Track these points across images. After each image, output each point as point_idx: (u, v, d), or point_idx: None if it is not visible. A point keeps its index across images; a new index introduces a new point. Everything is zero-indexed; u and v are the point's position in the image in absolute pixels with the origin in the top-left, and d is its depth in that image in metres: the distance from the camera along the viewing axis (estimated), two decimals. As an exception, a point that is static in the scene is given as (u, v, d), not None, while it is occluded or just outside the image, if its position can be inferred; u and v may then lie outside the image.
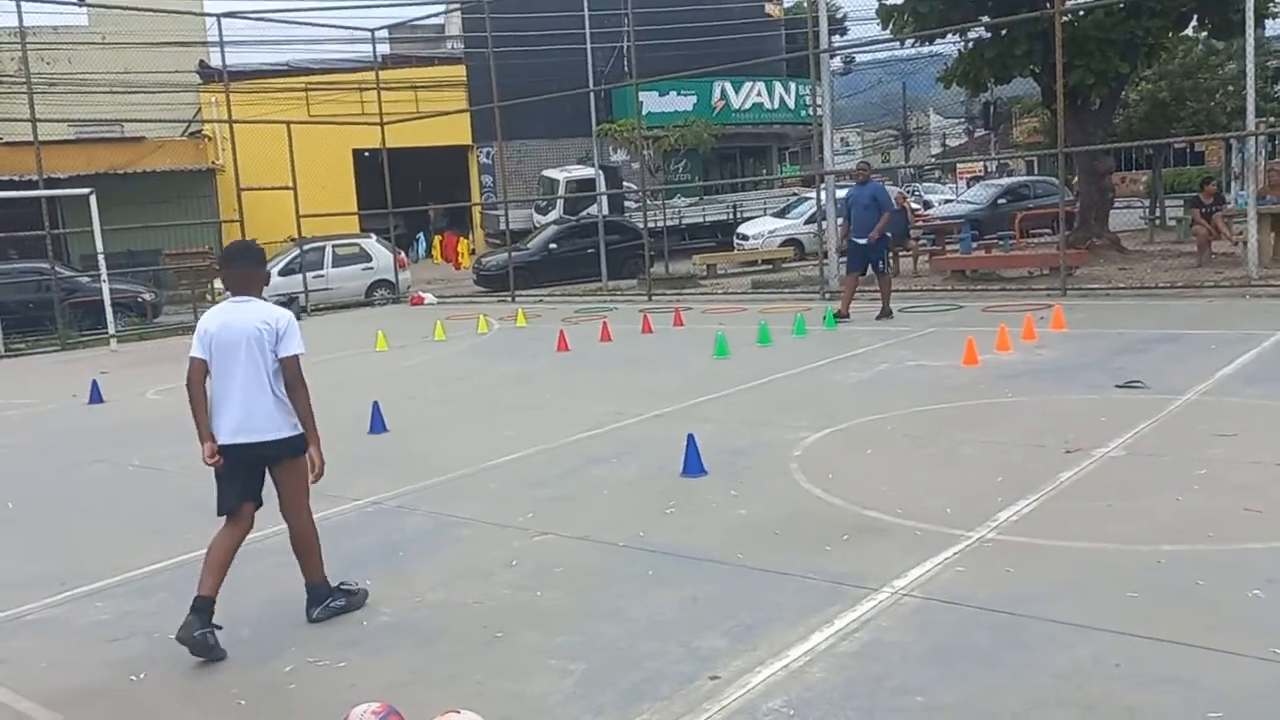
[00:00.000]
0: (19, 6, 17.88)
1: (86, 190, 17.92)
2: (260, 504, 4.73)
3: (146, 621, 4.80)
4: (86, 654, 4.52)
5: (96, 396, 11.43)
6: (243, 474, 4.62)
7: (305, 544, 4.74)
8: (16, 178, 24.14)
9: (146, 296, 21.13)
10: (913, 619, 4.22)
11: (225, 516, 4.66)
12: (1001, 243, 21.09)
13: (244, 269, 4.75)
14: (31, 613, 5.03)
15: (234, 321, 4.61)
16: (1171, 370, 8.84)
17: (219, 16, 21.56)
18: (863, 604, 4.38)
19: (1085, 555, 4.78)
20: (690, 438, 6.69)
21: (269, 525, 6.08)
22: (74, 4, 35.00)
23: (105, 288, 17.51)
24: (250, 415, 4.56)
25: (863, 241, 13.51)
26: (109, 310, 17.55)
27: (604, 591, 4.77)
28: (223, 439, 4.57)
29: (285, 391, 4.61)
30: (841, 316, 13.57)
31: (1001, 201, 26.17)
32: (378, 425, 8.68)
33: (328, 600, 4.69)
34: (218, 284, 22.52)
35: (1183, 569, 4.53)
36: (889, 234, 13.80)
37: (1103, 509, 5.41)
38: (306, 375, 4.72)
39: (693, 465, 6.57)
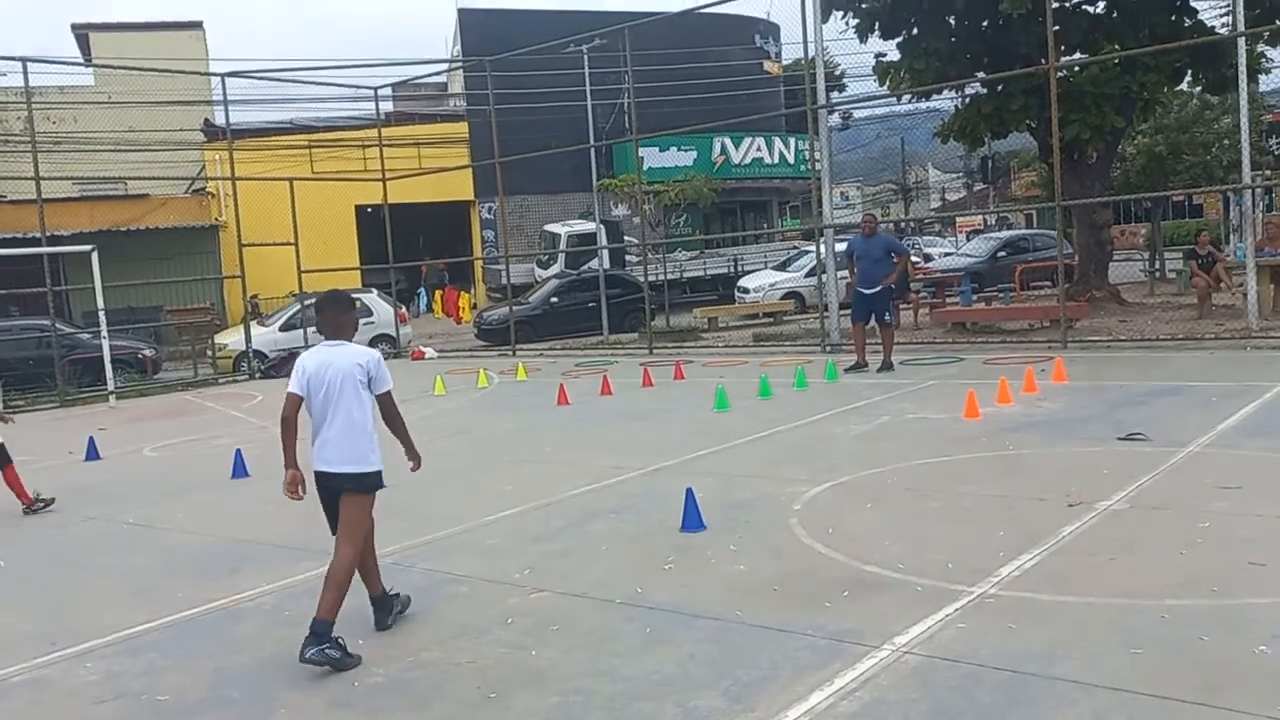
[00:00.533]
0: (25, 68, 18.11)
1: (88, 247, 18.01)
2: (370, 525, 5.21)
3: (135, 682, 4.72)
4: (73, 716, 4.43)
5: (93, 453, 11.38)
6: (331, 501, 5.06)
7: (337, 578, 4.87)
8: (20, 235, 24.32)
9: (147, 353, 21.13)
10: (914, 677, 4.14)
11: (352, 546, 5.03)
12: (1002, 295, 21.15)
13: (334, 314, 5.18)
14: (20, 673, 4.95)
15: (331, 362, 5.02)
16: (1173, 422, 8.80)
17: (224, 76, 21.84)
18: (863, 662, 4.30)
19: (1088, 611, 4.71)
20: (689, 492, 6.64)
21: (263, 583, 6.04)
22: (80, 64, 35.56)
23: (105, 344, 17.54)
24: (329, 447, 5.00)
25: (870, 292, 13.57)
26: (109, 367, 17.56)
27: (600, 649, 4.70)
28: (314, 467, 5.06)
29: (384, 423, 5.19)
30: (860, 366, 13.70)
31: (1001, 254, 26.31)
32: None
33: (324, 646, 4.65)
34: (218, 339, 22.62)
35: (1187, 625, 4.46)
36: (893, 285, 13.89)
37: (1105, 563, 5.34)
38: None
39: (692, 520, 6.51)
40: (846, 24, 18.70)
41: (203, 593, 5.98)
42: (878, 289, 13.56)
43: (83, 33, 38.44)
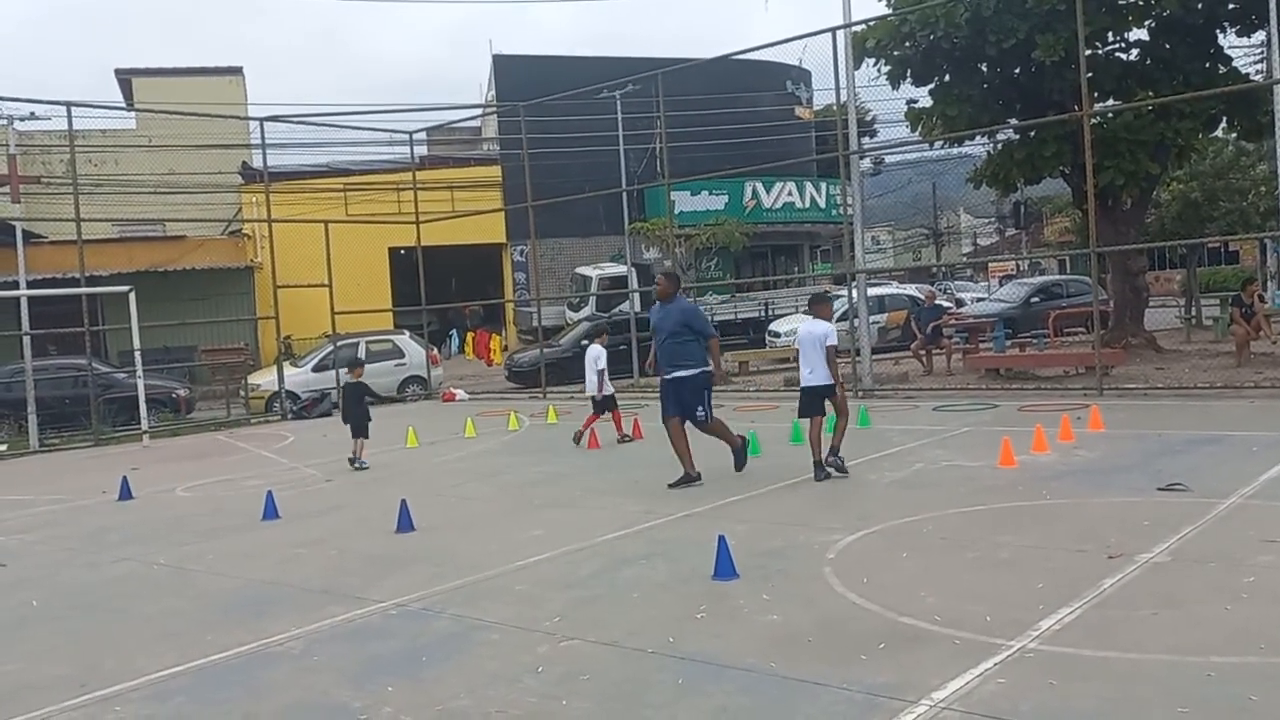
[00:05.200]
0: (69, 111, 18.47)
1: (126, 288, 18.26)
2: (824, 415, 9.64)
3: (163, 727, 4.69)
4: (101, 761, 4.40)
5: (126, 493, 11.44)
6: (816, 399, 9.67)
7: (844, 430, 9.73)
8: (59, 275, 24.70)
9: (181, 392, 21.34)
10: (953, 735, 4.04)
11: (808, 419, 9.73)
12: (1035, 341, 20.95)
13: (816, 306, 10.11)
14: (49, 716, 4.93)
15: (810, 329, 9.75)
16: (1214, 473, 8.64)
17: (262, 120, 22.18)
18: (900, 718, 4.20)
19: (1132, 667, 4.59)
20: (721, 539, 6.56)
21: (291, 627, 6.02)
22: (122, 108, 36.25)
23: (140, 384, 17.70)
24: (811, 373, 9.64)
25: (670, 377, 9.93)
26: (143, 406, 17.72)
27: (632, 701, 4.62)
28: (803, 383, 9.76)
29: (828, 360, 9.57)
30: (687, 479, 9.75)
31: (1034, 300, 26.11)
32: (405, 523, 8.60)
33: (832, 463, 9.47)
34: (252, 380, 22.86)
35: (1235, 683, 4.33)
36: (710, 370, 9.99)
37: (1148, 618, 5.22)
38: (336, 472, 4.86)
39: (724, 568, 6.43)
40: (879, 71, 18.77)
41: (232, 636, 5.95)
42: (681, 374, 9.82)
43: (126, 78, 39.23)
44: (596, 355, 13.84)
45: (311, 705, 4.78)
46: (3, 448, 17.04)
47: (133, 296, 17.94)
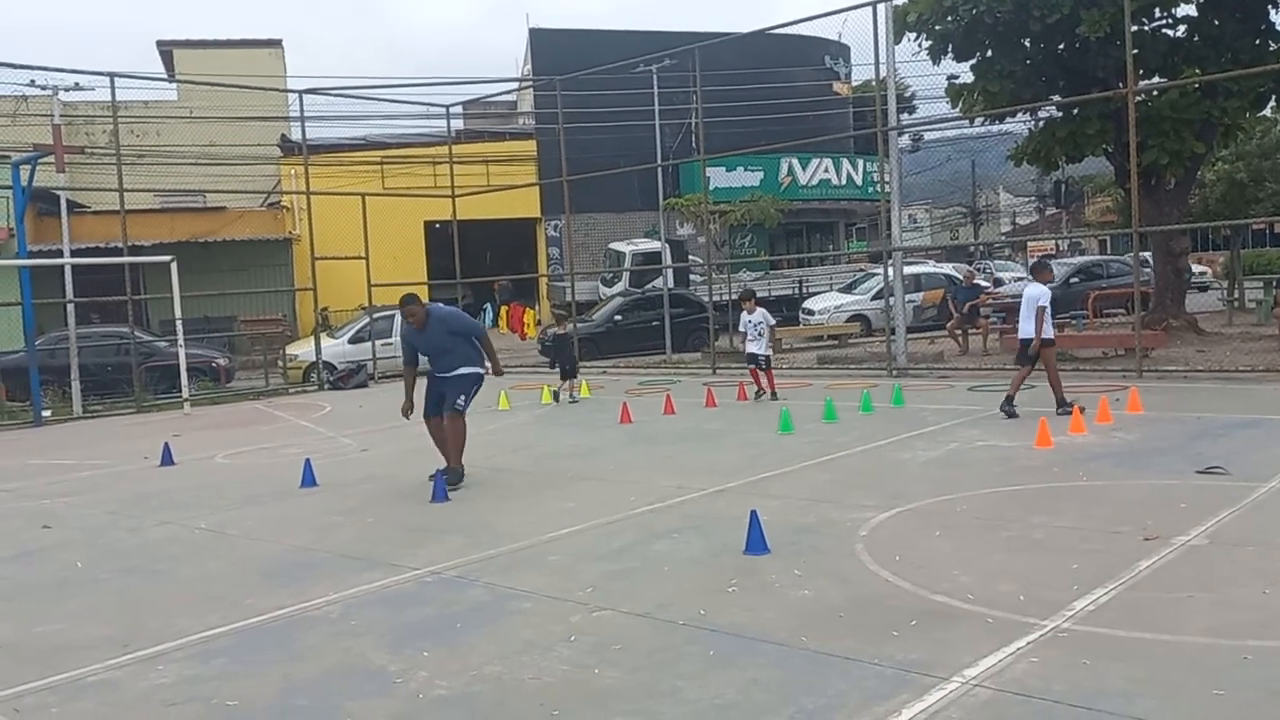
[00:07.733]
0: (112, 83, 18.65)
1: (168, 258, 18.46)
2: (1031, 366, 11.66)
3: (205, 687, 4.78)
4: (144, 718, 4.50)
5: (168, 459, 11.63)
6: (1023, 348, 11.63)
7: (1053, 379, 11.54)
8: (103, 245, 25.01)
9: (221, 362, 21.59)
10: (984, 712, 4.04)
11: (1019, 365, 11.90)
12: (1074, 322, 20.73)
13: (1039, 271, 11.99)
14: (93, 674, 5.04)
15: (1029, 291, 11.42)
16: (1254, 456, 8.54)
17: (301, 93, 22.30)
18: (931, 694, 4.21)
19: (1166, 649, 4.57)
20: (753, 514, 6.59)
21: (330, 592, 6.10)
22: (164, 80, 36.54)
23: (181, 353, 17.93)
24: (1022, 326, 11.60)
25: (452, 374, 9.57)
26: (184, 374, 17.94)
27: (663, 671, 4.66)
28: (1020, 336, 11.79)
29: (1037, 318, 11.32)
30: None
31: (1074, 280, 25.82)
32: (440, 493, 8.70)
33: (1064, 408, 11.01)
34: (289, 350, 23.10)
35: (1271, 667, 4.30)
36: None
37: (1184, 600, 5.19)
38: (372, 442, 4.98)
39: (756, 543, 6.45)
40: (919, 46, 18.56)
41: (272, 600, 6.06)
42: (458, 372, 9.59)
43: (167, 49, 39.50)
44: (766, 317, 15.03)
45: (349, 668, 4.86)
46: (48, 413, 17.33)
47: (174, 266, 18.14)
